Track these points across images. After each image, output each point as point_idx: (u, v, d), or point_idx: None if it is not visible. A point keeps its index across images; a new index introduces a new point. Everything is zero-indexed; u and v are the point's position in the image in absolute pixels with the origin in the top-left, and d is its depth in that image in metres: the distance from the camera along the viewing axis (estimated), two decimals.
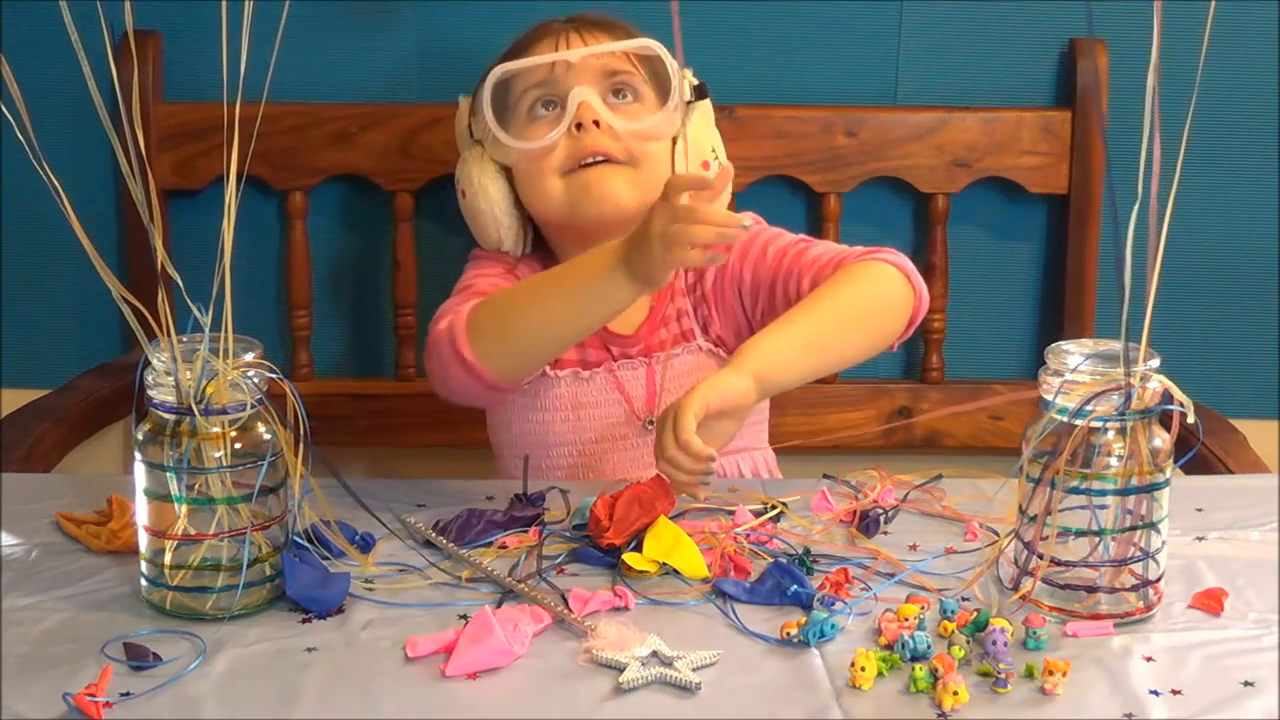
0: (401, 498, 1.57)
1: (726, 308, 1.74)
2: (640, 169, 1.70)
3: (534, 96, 1.71)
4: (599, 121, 1.68)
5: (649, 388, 1.74)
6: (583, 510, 1.48)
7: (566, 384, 1.74)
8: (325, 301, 2.18)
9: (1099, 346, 1.32)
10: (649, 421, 1.73)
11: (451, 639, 1.24)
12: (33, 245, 2.16)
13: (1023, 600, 1.33)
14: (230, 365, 1.29)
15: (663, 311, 1.77)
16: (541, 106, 1.71)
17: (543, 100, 1.71)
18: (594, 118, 1.68)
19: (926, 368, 2.17)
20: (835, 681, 1.21)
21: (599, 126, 1.68)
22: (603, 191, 1.69)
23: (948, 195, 2.13)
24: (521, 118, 1.71)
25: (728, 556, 1.40)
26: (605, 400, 1.74)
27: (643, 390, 1.74)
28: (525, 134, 1.71)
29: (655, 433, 1.46)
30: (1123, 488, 1.29)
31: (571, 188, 1.69)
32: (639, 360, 1.75)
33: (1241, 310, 2.19)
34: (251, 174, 2.05)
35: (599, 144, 1.68)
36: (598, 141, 1.68)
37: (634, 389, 1.74)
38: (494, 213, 1.75)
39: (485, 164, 1.75)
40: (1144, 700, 1.18)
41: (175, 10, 2.09)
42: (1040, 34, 2.12)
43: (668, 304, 1.77)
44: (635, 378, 1.75)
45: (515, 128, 1.71)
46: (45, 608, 1.32)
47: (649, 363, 1.75)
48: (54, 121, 2.03)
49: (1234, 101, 2.11)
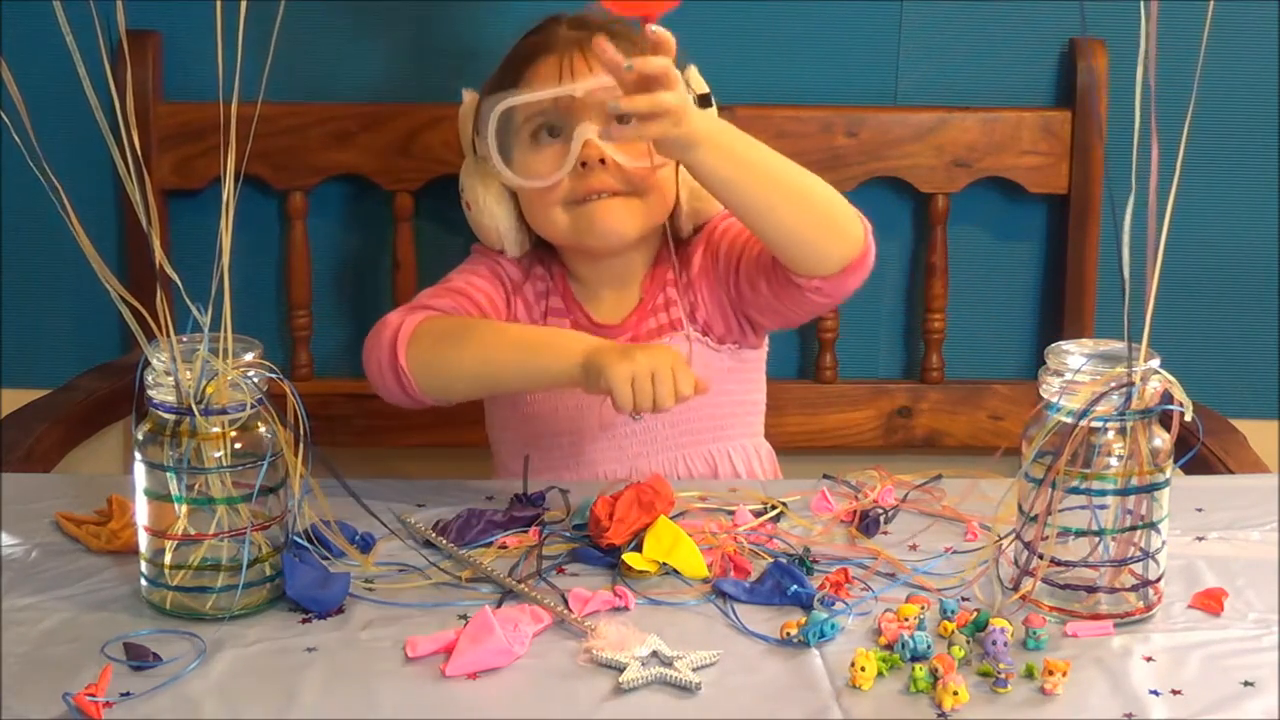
0: (401, 498, 1.57)
1: (710, 290, 1.74)
2: (645, 198, 1.70)
3: (537, 124, 1.69)
4: (605, 159, 1.67)
5: None
6: (583, 510, 1.48)
7: None
8: (325, 301, 2.18)
9: (1099, 346, 1.32)
10: (634, 413, 1.73)
11: (451, 639, 1.24)
12: (33, 245, 2.16)
13: (1023, 600, 1.33)
14: (230, 365, 1.29)
15: (652, 301, 1.77)
16: (545, 133, 1.69)
17: (546, 127, 1.69)
18: (599, 156, 1.66)
19: (926, 368, 2.17)
20: (835, 681, 1.21)
21: (604, 164, 1.67)
22: (607, 226, 1.69)
23: (948, 195, 2.13)
24: (524, 143, 1.69)
25: (728, 556, 1.40)
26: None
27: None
28: (529, 163, 1.69)
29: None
30: (1123, 488, 1.29)
31: (577, 221, 1.69)
32: None
33: (1241, 310, 2.19)
34: (251, 174, 2.05)
35: (603, 182, 1.67)
36: (602, 180, 1.67)
37: None
38: (498, 228, 1.74)
39: (490, 182, 1.73)
40: (1144, 700, 1.18)
41: (174, 10, 2.08)
42: (1040, 34, 2.12)
43: (658, 294, 1.77)
44: None
45: (518, 153, 1.69)
46: (45, 608, 1.32)
47: None
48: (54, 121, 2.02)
49: (1234, 101, 2.11)
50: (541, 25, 1.75)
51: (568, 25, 1.72)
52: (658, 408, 1.48)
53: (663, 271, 1.77)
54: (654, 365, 1.47)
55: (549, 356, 1.56)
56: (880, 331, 2.21)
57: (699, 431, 1.75)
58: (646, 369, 1.47)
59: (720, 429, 1.77)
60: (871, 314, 2.20)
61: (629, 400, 1.47)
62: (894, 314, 2.21)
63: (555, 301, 1.78)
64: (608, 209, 1.68)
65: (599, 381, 1.49)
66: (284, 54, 1.38)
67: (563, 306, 1.77)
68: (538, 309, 1.77)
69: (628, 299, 1.77)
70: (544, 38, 1.72)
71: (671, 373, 1.48)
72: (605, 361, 1.49)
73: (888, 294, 2.20)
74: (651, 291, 1.77)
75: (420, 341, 1.60)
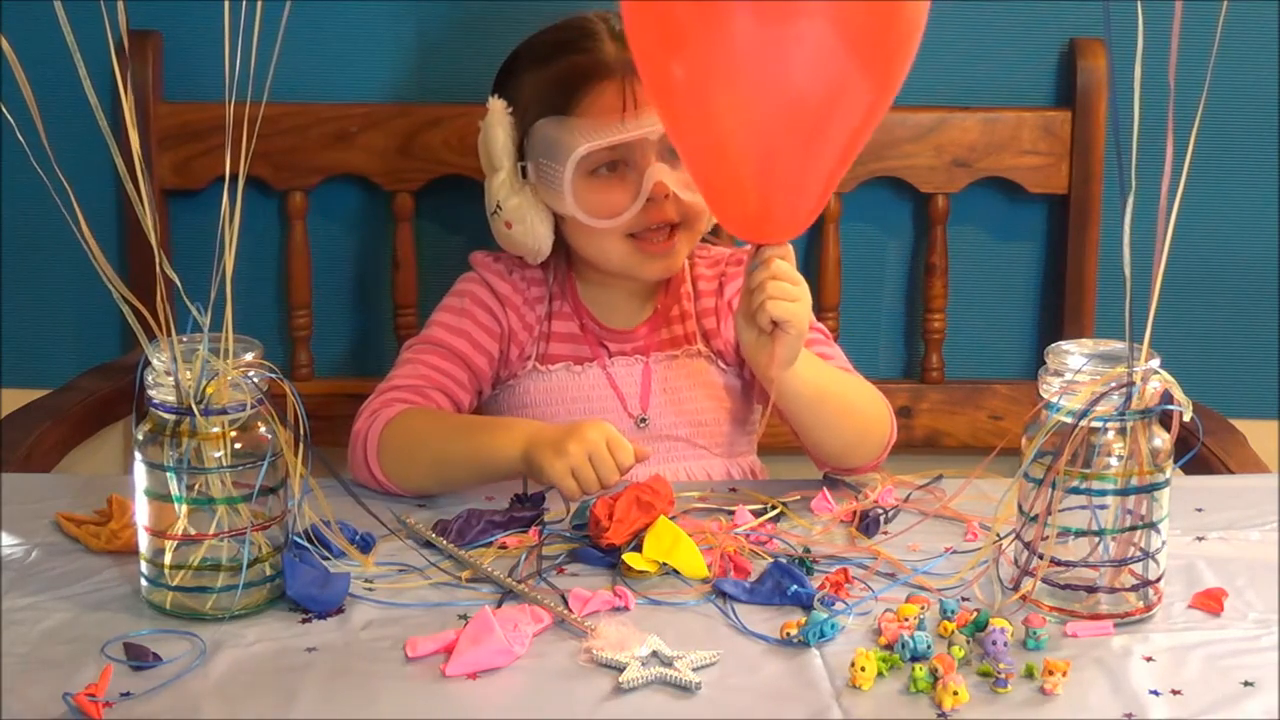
0: (401, 498, 1.57)
1: (730, 328, 1.74)
2: (693, 227, 1.71)
3: (600, 160, 1.66)
4: (669, 194, 1.66)
5: (644, 385, 1.74)
6: (583, 510, 1.48)
7: (558, 378, 1.74)
8: (325, 301, 2.18)
9: (1099, 346, 1.32)
10: (641, 420, 1.73)
11: (451, 639, 1.24)
12: (33, 245, 2.16)
13: (1023, 600, 1.33)
14: (230, 365, 1.29)
15: (667, 314, 1.77)
16: (604, 167, 1.67)
17: (606, 162, 1.67)
18: (665, 192, 1.66)
19: (926, 368, 2.17)
20: (835, 681, 1.21)
21: (667, 198, 1.66)
22: (668, 261, 1.71)
23: (948, 195, 2.13)
24: (581, 173, 1.66)
25: (728, 556, 1.40)
26: (597, 396, 1.73)
27: (636, 387, 1.74)
28: (590, 198, 1.66)
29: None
30: (1123, 488, 1.29)
31: (636, 253, 1.69)
32: (635, 358, 1.75)
33: (1241, 310, 2.19)
34: (251, 174, 2.03)
35: (666, 214, 1.67)
36: (665, 212, 1.67)
37: (627, 386, 1.74)
38: (539, 247, 1.72)
39: (540, 208, 1.70)
40: (1144, 700, 1.18)
41: (175, 10, 2.08)
42: (1040, 34, 2.12)
43: (673, 306, 1.77)
44: (630, 375, 1.74)
45: (577, 183, 1.66)
46: (45, 608, 1.32)
47: (645, 361, 1.75)
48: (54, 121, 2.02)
49: (1234, 101, 2.11)
50: (582, 35, 1.70)
51: (614, 44, 1.68)
52: (604, 486, 1.49)
53: (677, 284, 1.77)
54: (589, 449, 1.49)
55: (489, 452, 1.56)
56: (880, 331, 2.21)
57: (702, 448, 1.75)
58: (582, 457, 1.48)
59: (722, 445, 1.77)
60: (871, 314, 2.20)
61: (576, 492, 1.49)
62: (894, 314, 2.21)
63: (561, 306, 1.77)
64: (667, 248, 1.69)
65: (539, 477, 1.52)
66: (284, 54, 1.37)
67: (569, 311, 1.76)
68: (532, 315, 1.76)
69: (641, 309, 1.77)
70: (594, 58, 1.68)
71: (608, 449, 1.49)
72: (542, 460, 1.50)
73: (888, 294, 2.20)
74: (666, 304, 1.77)
75: (385, 450, 1.60)
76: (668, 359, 1.75)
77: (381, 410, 1.64)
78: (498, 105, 1.72)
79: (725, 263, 1.79)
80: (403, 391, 1.67)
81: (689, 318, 1.77)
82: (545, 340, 1.76)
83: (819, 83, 1.40)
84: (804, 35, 1.38)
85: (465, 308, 1.75)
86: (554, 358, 1.75)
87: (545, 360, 1.75)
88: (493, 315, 1.75)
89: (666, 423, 1.74)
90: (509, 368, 1.75)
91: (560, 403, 1.73)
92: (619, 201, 1.66)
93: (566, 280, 1.77)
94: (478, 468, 1.57)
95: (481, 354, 1.73)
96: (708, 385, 1.75)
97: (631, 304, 1.77)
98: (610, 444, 1.49)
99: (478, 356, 1.72)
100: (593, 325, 1.76)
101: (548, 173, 1.66)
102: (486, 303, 1.75)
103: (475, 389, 1.74)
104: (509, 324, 1.75)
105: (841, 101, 1.43)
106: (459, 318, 1.74)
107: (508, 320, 1.75)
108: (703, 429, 1.75)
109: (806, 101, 1.41)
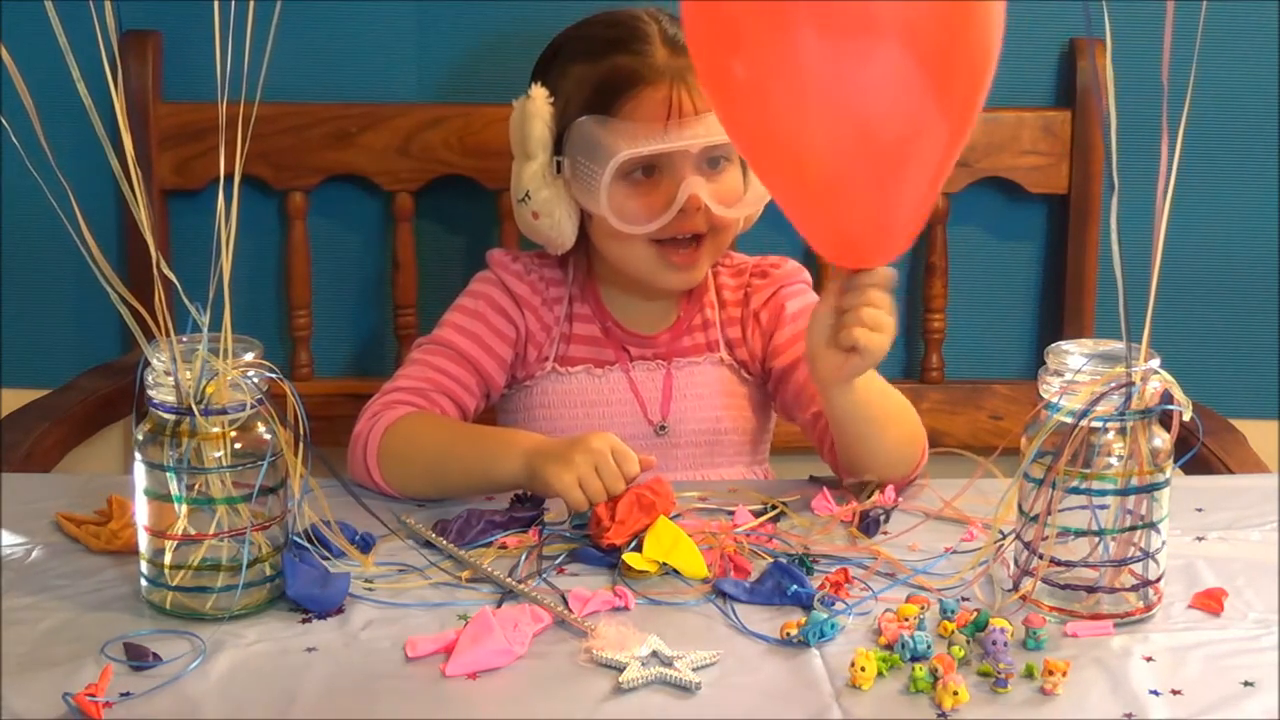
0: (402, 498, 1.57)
1: (755, 343, 1.75)
2: (719, 238, 1.70)
3: (636, 163, 1.65)
4: (701, 206, 1.65)
5: (665, 391, 1.74)
6: (583, 512, 1.48)
7: (579, 380, 1.73)
8: (325, 301, 2.18)
9: (1099, 346, 1.32)
10: (660, 427, 1.73)
11: (451, 639, 1.24)
12: (33, 245, 2.15)
13: (1023, 600, 1.33)
14: (230, 365, 1.29)
15: (689, 321, 1.76)
16: (640, 171, 1.66)
17: (643, 166, 1.66)
18: (698, 204, 1.65)
19: (926, 368, 2.17)
20: (835, 681, 1.21)
21: (698, 209, 1.65)
22: (690, 274, 1.70)
23: (947, 195, 2.13)
24: (616, 176, 1.64)
25: (728, 556, 1.40)
26: (617, 400, 1.73)
27: (657, 393, 1.73)
28: (623, 203, 1.65)
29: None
30: (1123, 488, 1.29)
31: (660, 260, 1.68)
32: (656, 363, 1.75)
33: (1241, 310, 2.19)
34: (251, 174, 2.05)
35: (695, 225, 1.67)
36: (695, 223, 1.67)
37: (648, 391, 1.73)
38: (562, 241, 1.71)
39: (569, 203, 1.69)
40: (1144, 700, 1.18)
41: (174, 10, 2.08)
42: (1040, 34, 2.12)
43: (695, 314, 1.77)
44: (651, 380, 1.74)
45: (612, 185, 1.64)
46: (45, 608, 1.32)
47: (667, 366, 1.74)
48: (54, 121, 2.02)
49: (1233, 101, 2.11)
50: (634, 36, 1.68)
51: (665, 48, 1.67)
52: (610, 495, 1.47)
53: (701, 291, 1.77)
54: (595, 460, 1.47)
55: (490, 463, 1.55)
56: None
57: (717, 455, 1.75)
58: (589, 468, 1.47)
59: (741, 455, 1.77)
60: None
61: (583, 503, 1.47)
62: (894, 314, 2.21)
63: (581, 308, 1.76)
64: (693, 256, 1.69)
65: (544, 489, 1.50)
66: (284, 54, 1.37)
67: (590, 313, 1.76)
68: (550, 315, 1.75)
69: (664, 315, 1.76)
70: (645, 60, 1.66)
71: (613, 459, 1.47)
72: (548, 473, 1.48)
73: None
74: (689, 311, 1.77)
75: (386, 461, 1.59)
76: (690, 365, 1.74)
77: (383, 413, 1.63)
78: (540, 94, 1.69)
79: (750, 273, 1.78)
80: (407, 393, 1.67)
81: (712, 326, 1.76)
82: (565, 342, 1.75)
83: (894, 113, 1.32)
84: (872, 53, 1.29)
85: (479, 310, 1.73)
86: (574, 360, 1.74)
87: (565, 362, 1.74)
88: (507, 318, 1.73)
89: (686, 430, 1.73)
90: (526, 369, 1.74)
91: (579, 405, 1.73)
92: (652, 208, 1.65)
93: (588, 282, 1.77)
94: (477, 478, 1.56)
95: (492, 358, 1.72)
96: (729, 394, 1.75)
97: (654, 309, 1.76)
98: (616, 454, 1.47)
99: (487, 361, 1.71)
100: (615, 329, 1.75)
101: (584, 172, 1.65)
102: (501, 305, 1.74)
103: (483, 393, 1.73)
104: (526, 326, 1.74)
105: (920, 137, 1.35)
106: (472, 319, 1.73)
107: (525, 322, 1.74)
108: (722, 438, 1.74)
109: (880, 132, 1.32)
